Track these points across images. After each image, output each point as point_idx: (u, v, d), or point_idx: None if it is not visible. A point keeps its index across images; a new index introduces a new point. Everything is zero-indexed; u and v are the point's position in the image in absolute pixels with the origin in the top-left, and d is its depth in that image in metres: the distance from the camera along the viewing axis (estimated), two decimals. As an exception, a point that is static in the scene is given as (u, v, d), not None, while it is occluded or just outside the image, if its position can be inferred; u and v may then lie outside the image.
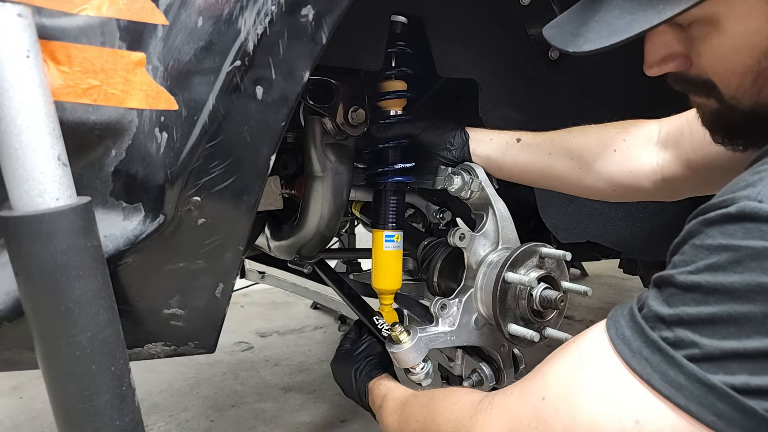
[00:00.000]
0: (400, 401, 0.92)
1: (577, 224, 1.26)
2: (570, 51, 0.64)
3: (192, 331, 0.78)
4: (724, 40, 0.60)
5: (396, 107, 1.06)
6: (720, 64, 0.63)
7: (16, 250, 0.54)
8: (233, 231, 0.73)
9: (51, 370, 0.57)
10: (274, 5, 0.64)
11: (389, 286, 1.13)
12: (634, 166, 0.90)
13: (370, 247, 1.14)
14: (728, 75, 0.63)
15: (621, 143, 0.91)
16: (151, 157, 0.65)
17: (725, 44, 0.60)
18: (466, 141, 1.00)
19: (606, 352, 0.52)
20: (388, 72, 1.04)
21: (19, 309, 0.59)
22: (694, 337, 0.46)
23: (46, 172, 0.54)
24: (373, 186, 1.12)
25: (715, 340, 0.45)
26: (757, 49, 0.59)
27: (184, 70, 0.65)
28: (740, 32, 0.59)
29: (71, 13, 0.60)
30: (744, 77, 0.61)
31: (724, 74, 0.63)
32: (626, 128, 0.92)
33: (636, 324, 0.51)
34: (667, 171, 0.88)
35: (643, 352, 0.49)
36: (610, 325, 0.54)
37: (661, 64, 0.67)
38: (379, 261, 1.11)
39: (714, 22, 0.59)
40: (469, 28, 1.06)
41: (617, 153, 0.90)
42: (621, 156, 0.90)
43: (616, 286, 3.89)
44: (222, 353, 2.63)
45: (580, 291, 0.90)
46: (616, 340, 0.52)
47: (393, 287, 1.13)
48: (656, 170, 0.89)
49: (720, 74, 0.64)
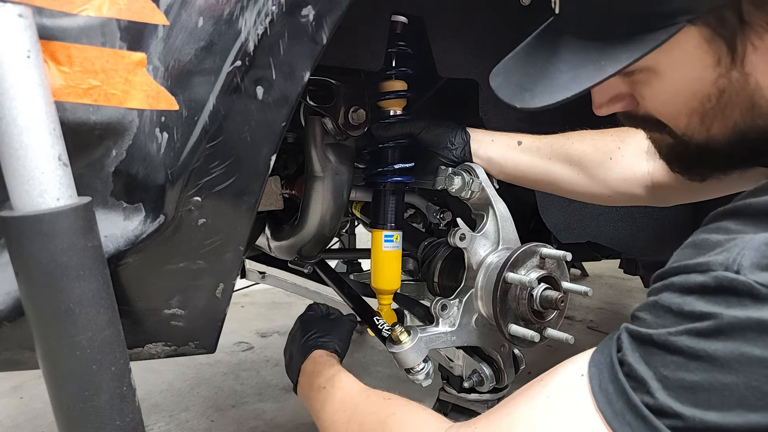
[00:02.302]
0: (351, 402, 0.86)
1: (577, 224, 1.26)
2: (518, 107, 0.64)
3: (192, 331, 0.78)
4: (666, 86, 0.61)
5: (396, 107, 1.06)
6: (664, 107, 0.64)
7: (17, 250, 0.54)
8: (234, 231, 0.72)
9: (51, 370, 0.57)
10: (274, 5, 0.64)
11: (388, 286, 1.12)
12: (627, 174, 0.94)
13: (370, 248, 1.14)
14: (674, 116, 0.64)
15: (616, 152, 0.95)
16: (152, 158, 0.65)
17: (667, 89, 0.61)
18: (467, 141, 1.00)
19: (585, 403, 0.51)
20: (388, 72, 1.04)
21: (20, 309, 0.59)
22: (676, 407, 0.45)
23: (46, 172, 0.54)
24: (373, 186, 1.12)
25: (698, 410, 0.44)
26: (699, 94, 0.59)
27: (185, 71, 0.65)
28: (680, 79, 0.59)
29: (72, 13, 0.60)
30: (690, 117, 0.62)
31: (670, 115, 0.64)
32: (621, 137, 0.96)
33: (618, 382, 0.49)
34: (656, 179, 0.92)
35: (626, 415, 0.48)
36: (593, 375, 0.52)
37: (609, 105, 0.68)
38: (378, 261, 1.11)
39: (654, 69, 0.60)
40: (470, 28, 1.06)
41: (613, 161, 0.95)
42: (616, 164, 0.95)
43: (617, 286, 3.89)
44: (222, 353, 2.63)
45: (580, 291, 0.90)
46: (599, 395, 0.50)
47: (392, 287, 1.13)
48: (647, 178, 0.93)
49: (666, 115, 0.64)
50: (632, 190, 0.95)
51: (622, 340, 0.51)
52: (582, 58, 0.60)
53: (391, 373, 2.36)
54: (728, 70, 0.57)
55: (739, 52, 0.55)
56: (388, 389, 0.87)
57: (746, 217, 0.50)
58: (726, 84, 0.58)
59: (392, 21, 0.98)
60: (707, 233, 0.52)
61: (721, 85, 0.58)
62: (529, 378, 0.64)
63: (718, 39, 0.55)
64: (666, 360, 0.47)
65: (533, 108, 0.63)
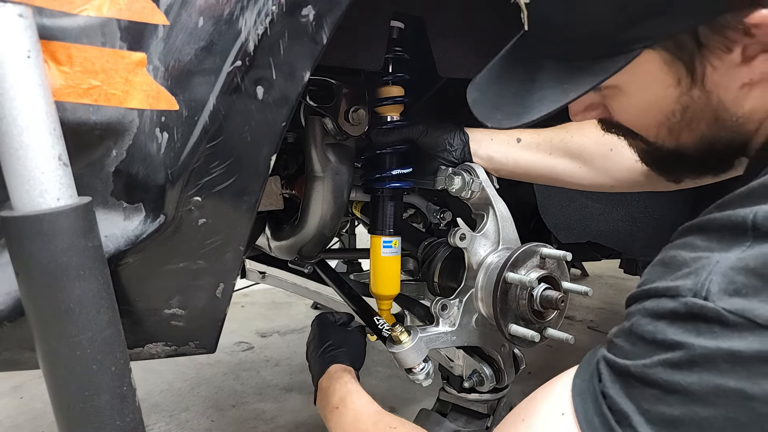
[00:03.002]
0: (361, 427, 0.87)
1: (577, 224, 1.26)
2: (489, 125, 0.68)
3: (192, 331, 0.78)
4: (632, 102, 0.64)
5: (393, 113, 1.06)
6: (632, 119, 0.67)
7: (17, 250, 0.54)
8: (234, 231, 0.73)
9: (52, 370, 0.57)
10: (274, 5, 0.64)
11: (387, 291, 1.12)
12: (629, 163, 0.94)
13: (370, 248, 1.14)
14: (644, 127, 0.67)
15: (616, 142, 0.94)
16: (152, 158, 0.65)
17: (633, 105, 0.64)
18: (466, 142, 1.00)
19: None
20: (385, 78, 1.03)
21: (20, 309, 0.59)
22: None
23: (46, 172, 0.54)
24: (370, 192, 1.12)
25: None
26: (665, 110, 0.62)
27: (185, 71, 0.65)
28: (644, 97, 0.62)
29: (72, 13, 0.60)
30: (659, 129, 0.65)
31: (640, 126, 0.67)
32: None
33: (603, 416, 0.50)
34: None
35: None
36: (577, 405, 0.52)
37: (584, 113, 0.71)
38: (377, 266, 1.10)
39: (620, 88, 0.63)
40: (470, 28, 1.06)
41: (614, 152, 0.96)
42: (617, 155, 0.96)
43: (617, 286, 3.89)
44: (222, 353, 2.64)
45: (580, 291, 0.90)
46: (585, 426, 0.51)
47: (391, 293, 1.12)
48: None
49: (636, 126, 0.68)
50: (635, 178, 0.96)
51: (601, 371, 0.52)
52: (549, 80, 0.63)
53: (392, 373, 2.36)
54: (689, 89, 0.59)
55: (699, 73, 0.58)
56: (389, 389, 0.87)
57: (711, 232, 0.50)
58: (689, 101, 0.60)
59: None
60: (675, 249, 0.52)
61: (684, 102, 0.60)
62: (529, 378, 0.64)
63: (677, 61, 0.58)
64: (645, 393, 0.47)
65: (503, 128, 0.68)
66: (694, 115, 0.61)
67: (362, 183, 1.14)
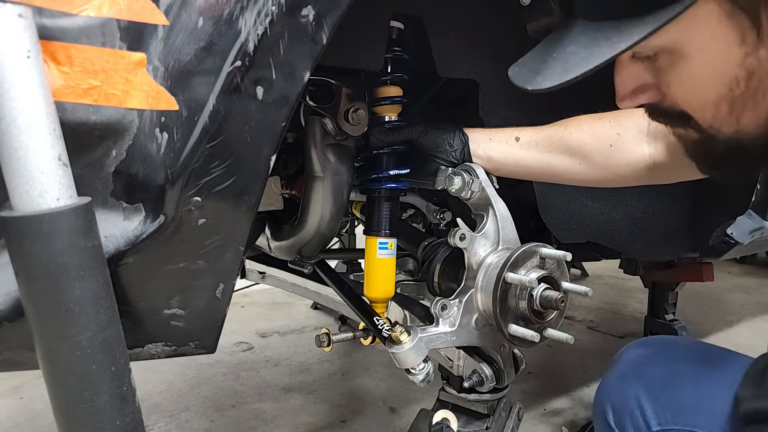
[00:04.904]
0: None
1: (577, 224, 1.26)
2: (529, 89, 0.63)
3: (192, 331, 0.78)
4: (691, 69, 0.58)
5: (391, 113, 1.05)
6: (690, 93, 0.61)
7: (17, 250, 0.54)
8: (234, 231, 0.72)
9: (51, 370, 0.57)
10: (274, 5, 0.64)
11: (382, 294, 1.11)
12: (629, 159, 0.95)
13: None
14: (701, 104, 0.61)
15: (616, 138, 0.94)
16: (152, 158, 0.65)
17: (693, 73, 0.58)
18: (465, 142, 1.00)
19: None
20: (384, 78, 1.03)
21: (20, 309, 0.59)
22: None
23: (46, 172, 0.54)
24: (367, 193, 1.11)
25: None
26: (727, 77, 0.57)
27: (185, 71, 0.65)
28: (706, 60, 0.57)
29: (72, 13, 0.60)
30: (718, 106, 0.59)
31: (697, 104, 0.61)
32: (619, 121, 0.96)
33: None
34: (658, 159, 0.93)
35: None
36: None
37: (633, 97, 0.66)
38: (371, 268, 1.09)
39: (678, 51, 0.57)
40: (470, 28, 1.06)
41: (613, 148, 0.96)
42: (617, 151, 0.96)
43: (617, 286, 3.89)
44: (222, 353, 2.63)
45: (580, 291, 0.90)
46: None
47: (385, 296, 1.11)
48: (649, 160, 0.94)
49: (692, 104, 0.62)
50: (635, 173, 0.96)
51: None
52: (594, 38, 0.58)
53: (392, 373, 2.36)
54: (755, 48, 0.54)
55: (765, 27, 0.52)
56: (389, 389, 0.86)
57: None
58: (755, 64, 0.55)
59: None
60: None
61: (749, 66, 0.55)
62: (529, 378, 0.64)
63: (739, 13, 0.52)
64: None
65: (544, 89, 0.61)
66: (760, 83, 0.56)
67: (358, 183, 1.14)
